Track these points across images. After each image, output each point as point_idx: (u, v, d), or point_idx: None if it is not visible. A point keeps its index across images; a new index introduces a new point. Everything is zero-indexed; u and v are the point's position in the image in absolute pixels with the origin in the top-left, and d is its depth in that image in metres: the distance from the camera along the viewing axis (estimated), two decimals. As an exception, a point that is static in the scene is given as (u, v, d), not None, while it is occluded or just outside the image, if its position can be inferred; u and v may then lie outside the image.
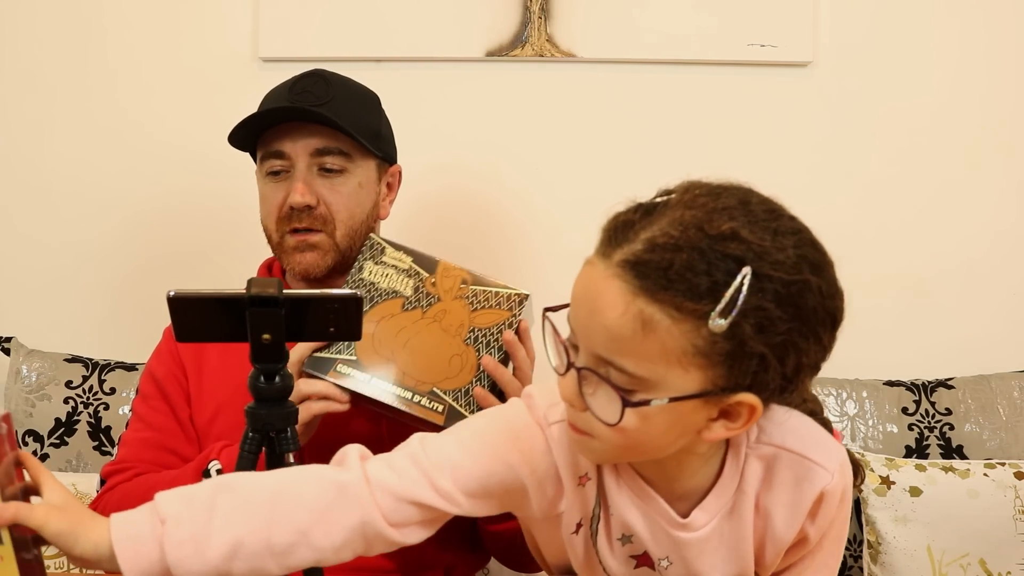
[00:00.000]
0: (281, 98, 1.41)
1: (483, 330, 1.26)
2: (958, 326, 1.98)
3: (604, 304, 0.83)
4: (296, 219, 1.41)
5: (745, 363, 0.82)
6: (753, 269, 0.80)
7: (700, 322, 0.80)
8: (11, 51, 2.02)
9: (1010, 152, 1.99)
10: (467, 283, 1.28)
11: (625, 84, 1.98)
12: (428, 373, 1.25)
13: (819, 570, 1.04)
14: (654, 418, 0.84)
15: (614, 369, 0.84)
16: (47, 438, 1.81)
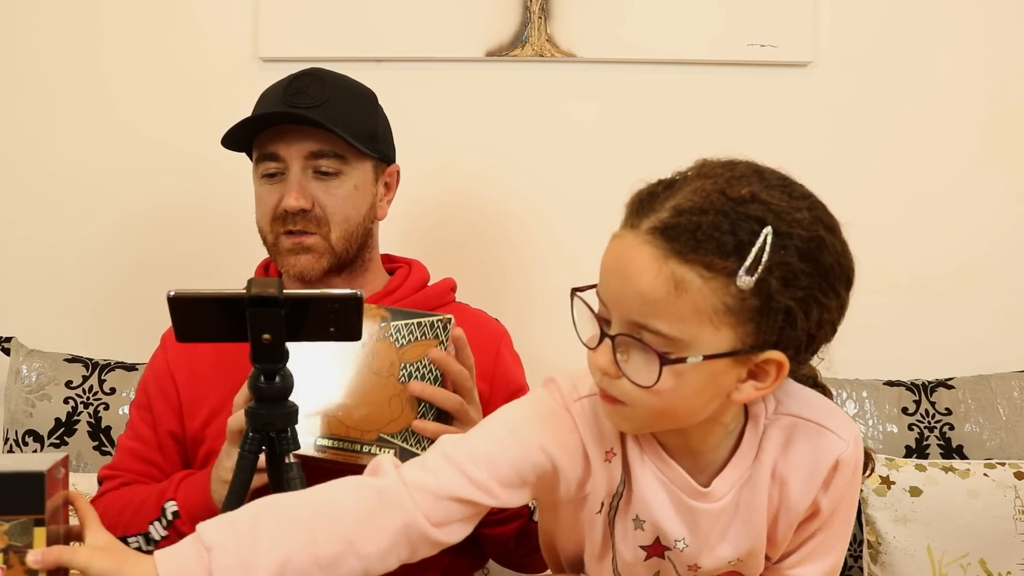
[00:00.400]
0: (276, 99, 1.41)
1: (414, 364, 1.23)
2: (958, 326, 1.98)
3: (636, 270, 0.87)
4: (291, 221, 1.41)
5: (772, 319, 0.87)
6: (774, 228, 0.86)
7: (729, 280, 0.85)
8: (10, 51, 2.02)
9: (1010, 152, 1.99)
10: (387, 320, 1.24)
11: (625, 84, 1.98)
12: (370, 420, 1.22)
13: (828, 550, 1.04)
14: (688, 378, 0.88)
15: (648, 332, 0.87)
16: (47, 438, 1.81)
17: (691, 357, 0.87)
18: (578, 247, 1.98)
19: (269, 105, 1.42)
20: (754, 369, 0.90)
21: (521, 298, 1.97)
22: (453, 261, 1.83)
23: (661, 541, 1.02)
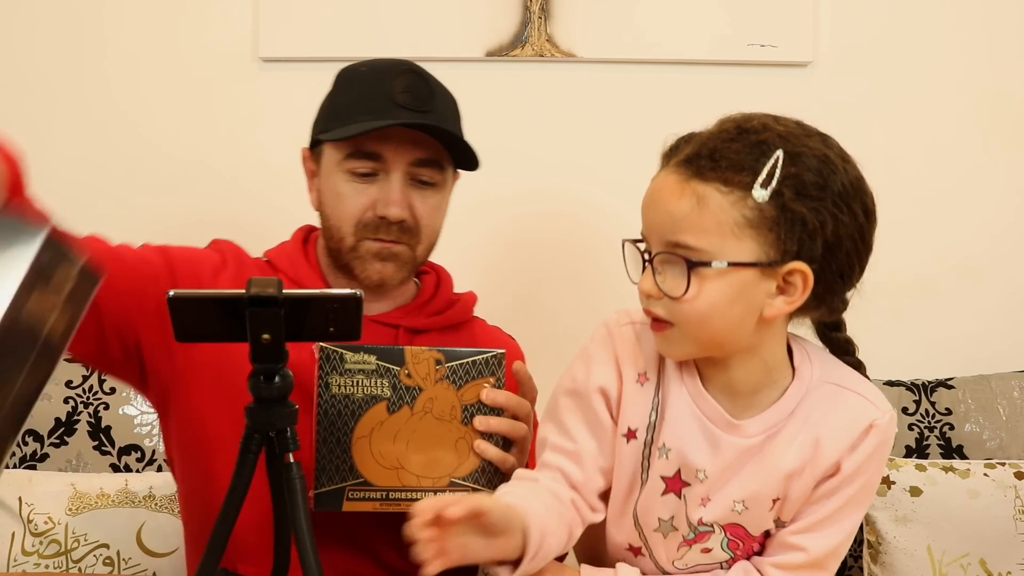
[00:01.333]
0: (384, 96, 1.31)
1: (475, 404, 1.22)
2: (958, 326, 1.98)
3: (665, 195, 1.00)
4: (384, 230, 1.33)
5: (791, 229, 0.97)
6: (785, 150, 0.98)
7: (745, 193, 0.97)
8: (9, 52, 2.02)
9: (1010, 151, 1.99)
10: (441, 363, 1.22)
11: (625, 84, 1.98)
12: (440, 467, 1.21)
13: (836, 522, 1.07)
14: (719, 287, 0.98)
15: (679, 247, 0.99)
16: (47, 438, 1.81)
17: (715, 262, 0.97)
18: (579, 246, 1.98)
19: (381, 103, 1.31)
20: (781, 284, 0.99)
21: (520, 297, 1.97)
22: (450, 261, 1.83)
23: (682, 475, 1.09)
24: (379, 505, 1.19)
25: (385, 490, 1.20)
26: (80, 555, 1.68)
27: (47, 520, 1.68)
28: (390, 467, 1.20)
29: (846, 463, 1.05)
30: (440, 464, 1.21)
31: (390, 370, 1.20)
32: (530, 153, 1.99)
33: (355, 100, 1.34)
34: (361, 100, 1.33)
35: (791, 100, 2.11)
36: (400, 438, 1.20)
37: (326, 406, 1.18)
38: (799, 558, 1.08)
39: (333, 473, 1.18)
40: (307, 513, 0.97)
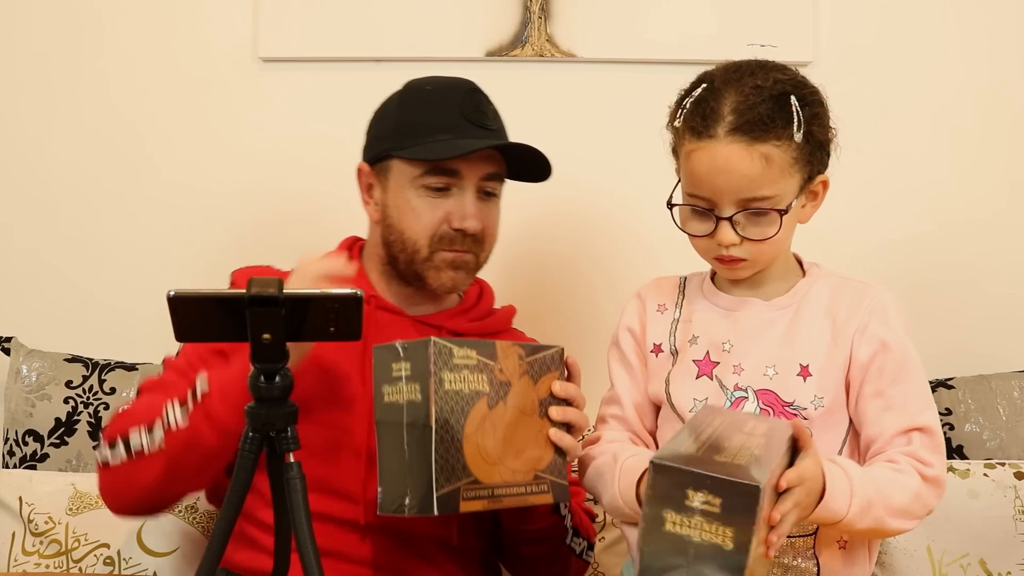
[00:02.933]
0: (458, 115, 1.42)
1: (547, 398, 1.26)
2: (958, 326, 1.98)
3: (736, 162, 1.17)
4: (460, 241, 1.42)
5: (817, 152, 1.22)
6: (794, 95, 1.20)
7: (790, 141, 1.18)
8: (7, 52, 2.02)
9: (1010, 151, 1.99)
10: (523, 358, 1.24)
11: (625, 84, 1.97)
12: (528, 461, 1.23)
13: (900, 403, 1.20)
14: (790, 218, 1.21)
15: (756, 200, 1.18)
16: (47, 438, 1.81)
17: (794, 202, 1.20)
18: (578, 246, 1.98)
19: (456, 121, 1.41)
20: (810, 194, 1.24)
21: (520, 297, 1.97)
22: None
23: (711, 355, 1.28)
24: (488, 503, 1.18)
25: (491, 487, 1.18)
26: (80, 555, 1.68)
27: (47, 520, 1.68)
28: (493, 464, 1.19)
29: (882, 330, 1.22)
30: (530, 458, 1.23)
31: (488, 365, 1.20)
32: (530, 153, 1.99)
33: (428, 119, 1.42)
34: (435, 119, 1.42)
35: (791, 100, 2.10)
36: (498, 433, 1.20)
37: (441, 404, 1.14)
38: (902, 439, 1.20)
39: (450, 473, 1.13)
40: (307, 513, 0.97)
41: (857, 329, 1.23)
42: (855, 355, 1.23)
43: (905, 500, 1.16)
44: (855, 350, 1.23)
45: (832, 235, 1.95)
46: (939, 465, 1.19)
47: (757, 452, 1.02)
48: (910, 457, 1.18)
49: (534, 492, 1.23)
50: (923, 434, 1.20)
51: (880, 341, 1.22)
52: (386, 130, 1.45)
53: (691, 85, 1.25)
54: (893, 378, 1.21)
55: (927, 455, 1.18)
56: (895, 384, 1.21)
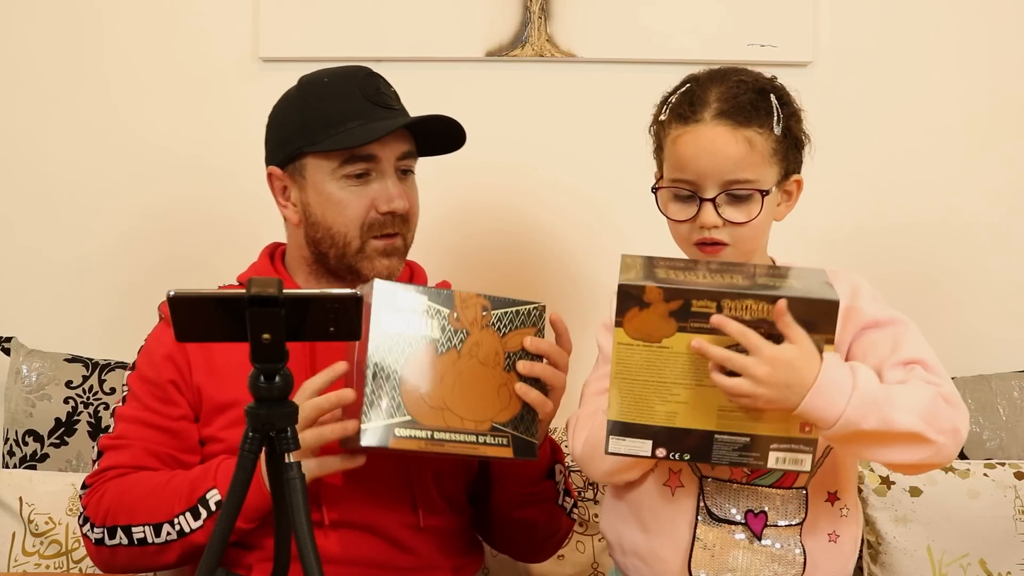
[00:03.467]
0: (362, 100, 1.41)
1: (517, 353, 1.26)
2: (958, 326, 1.98)
3: (720, 145, 1.22)
4: (390, 224, 1.42)
5: (793, 150, 1.26)
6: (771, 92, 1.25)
7: (771, 131, 1.23)
8: (9, 52, 2.02)
9: (1011, 151, 1.99)
10: (488, 309, 1.25)
11: (625, 84, 1.97)
12: (483, 411, 1.24)
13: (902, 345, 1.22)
14: (768, 205, 1.24)
15: (738, 183, 1.22)
16: (47, 438, 1.81)
17: (772, 189, 1.24)
18: (578, 246, 1.98)
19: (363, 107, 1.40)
20: (785, 193, 1.28)
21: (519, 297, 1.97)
22: (452, 262, 1.83)
23: None
24: (424, 444, 1.21)
25: (431, 430, 1.21)
26: (81, 555, 1.68)
27: (48, 520, 1.68)
28: (436, 407, 1.22)
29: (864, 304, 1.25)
30: (483, 407, 1.23)
31: (440, 312, 1.22)
32: (530, 153, 1.99)
33: (334, 109, 1.41)
34: (341, 108, 1.40)
35: (791, 100, 2.10)
36: (447, 380, 1.23)
37: (378, 342, 1.20)
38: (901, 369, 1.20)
39: (381, 410, 1.19)
40: (307, 513, 0.97)
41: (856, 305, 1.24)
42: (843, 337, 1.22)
43: (923, 402, 1.13)
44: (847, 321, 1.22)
45: (832, 234, 1.96)
46: (948, 385, 1.18)
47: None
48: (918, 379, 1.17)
49: (489, 443, 1.24)
50: (921, 366, 1.19)
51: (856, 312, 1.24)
52: (291, 129, 1.44)
53: (676, 86, 1.30)
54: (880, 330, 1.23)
55: (932, 378, 1.17)
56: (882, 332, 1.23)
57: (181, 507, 1.31)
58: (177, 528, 1.31)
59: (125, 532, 1.34)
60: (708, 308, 1.09)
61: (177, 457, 1.40)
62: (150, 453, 1.40)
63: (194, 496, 1.31)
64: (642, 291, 1.11)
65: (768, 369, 1.07)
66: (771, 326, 1.09)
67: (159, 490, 1.34)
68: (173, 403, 1.41)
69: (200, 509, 1.30)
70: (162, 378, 1.41)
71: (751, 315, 1.09)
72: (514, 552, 1.58)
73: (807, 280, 1.15)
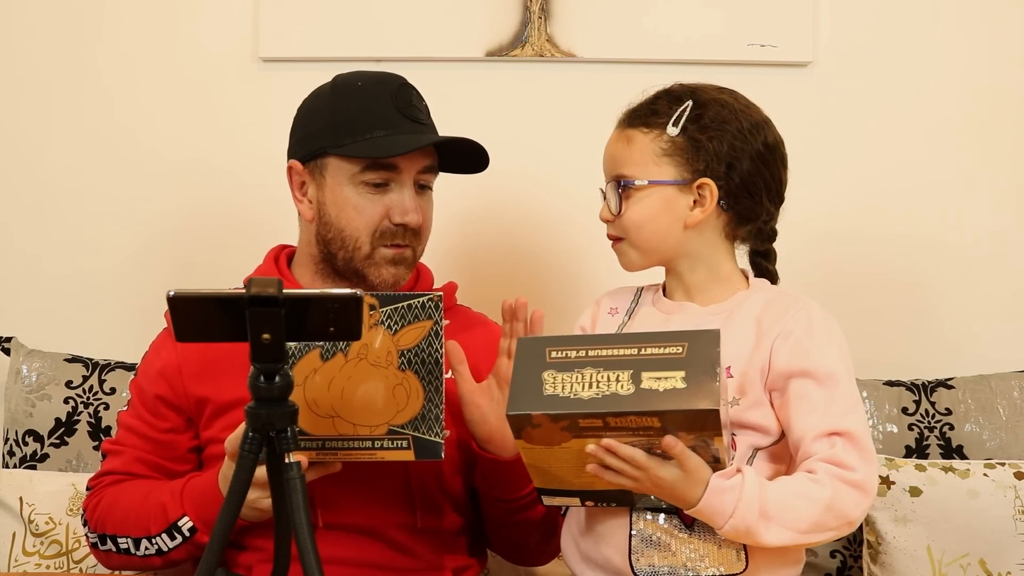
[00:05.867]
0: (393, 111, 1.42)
1: (412, 349, 1.20)
2: (958, 326, 1.98)
3: (608, 145, 1.36)
4: (400, 235, 1.42)
5: (696, 153, 1.28)
6: (694, 100, 1.30)
7: (661, 131, 1.30)
8: (8, 52, 2.02)
9: (1011, 151, 1.99)
10: (375, 308, 1.19)
11: (625, 84, 1.95)
12: (376, 415, 1.19)
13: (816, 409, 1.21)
14: (646, 202, 1.30)
15: (620, 178, 1.31)
16: (47, 438, 1.81)
17: (638, 180, 1.29)
18: (577, 246, 1.98)
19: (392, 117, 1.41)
20: (696, 198, 1.29)
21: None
22: (451, 262, 1.83)
23: None
24: (315, 455, 1.19)
25: (321, 439, 1.18)
26: (81, 555, 1.68)
27: (48, 520, 1.68)
28: (325, 415, 1.18)
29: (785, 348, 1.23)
30: (377, 411, 1.19)
31: None
32: (529, 153, 1.99)
33: (363, 115, 1.42)
34: (370, 115, 1.41)
35: (791, 100, 2.13)
36: (334, 386, 1.18)
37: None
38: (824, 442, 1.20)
39: None
40: (307, 513, 0.97)
41: (779, 335, 1.24)
42: (774, 360, 1.23)
43: (812, 515, 1.16)
44: (774, 355, 1.23)
45: (831, 234, 1.96)
46: (863, 469, 1.18)
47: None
48: (829, 463, 1.18)
49: (387, 448, 1.19)
50: (845, 439, 1.19)
51: (802, 348, 1.23)
52: (318, 127, 1.44)
53: None
54: (816, 385, 1.22)
55: (850, 459, 1.18)
56: (817, 390, 1.22)
57: (157, 528, 1.36)
58: (155, 546, 1.37)
59: (112, 541, 1.41)
60: (595, 423, 1.13)
61: (166, 467, 1.45)
62: (141, 461, 1.45)
63: (167, 520, 1.36)
64: (530, 419, 1.14)
65: (654, 488, 1.16)
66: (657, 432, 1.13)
67: (138, 506, 1.39)
68: (162, 416, 1.45)
69: (175, 533, 1.35)
70: (152, 392, 1.46)
71: (635, 424, 1.12)
72: (512, 557, 1.57)
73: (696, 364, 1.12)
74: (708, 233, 1.31)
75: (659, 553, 1.23)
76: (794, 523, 1.16)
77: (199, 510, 1.33)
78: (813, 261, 1.94)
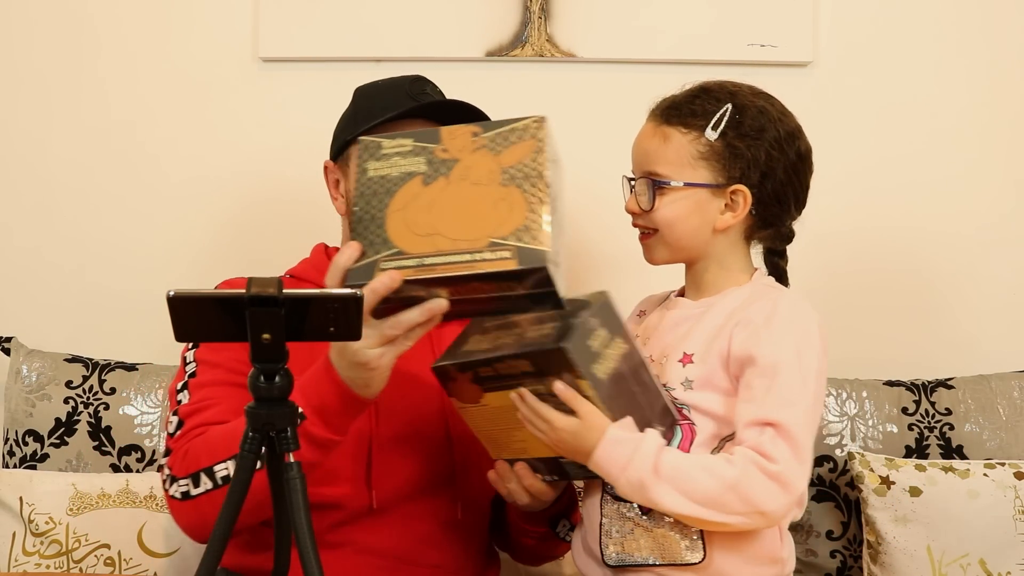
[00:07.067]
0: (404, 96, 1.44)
1: (516, 166, 1.16)
2: (958, 326, 1.98)
3: (642, 137, 1.34)
4: None
5: (733, 160, 1.28)
6: (733, 104, 1.29)
7: (699, 134, 1.28)
8: (8, 52, 2.02)
9: (1010, 151, 1.99)
10: (477, 134, 1.18)
11: (625, 84, 1.98)
12: (477, 228, 1.13)
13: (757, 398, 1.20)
14: (679, 202, 1.29)
15: (651, 174, 1.30)
16: (47, 438, 1.81)
17: (673, 182, 1.29)
18: (578, 246, 1.98)
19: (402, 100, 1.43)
20: (728, 202, 1.29)
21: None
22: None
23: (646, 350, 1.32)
24: (413, 271, 1.12)
25: (420, 256, 1.13)
26: (81, 555, 1.68)
27: (48, 520, 1.68)
28: (425, 234, 1.14)
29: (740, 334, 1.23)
30: (479, 225, 1.14)
31: (426, 148, 1.16)
32: (530, 153, 1.99)
33: (376, 105, 1.45)
34: (383, 103, 1.44)
35: (791, 100, 2.11)
36: (436, 207, 1.15)
37: (362, 189, 1.16)
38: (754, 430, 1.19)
39: (367, 248, 1.13)
40: (307, 513, 0.97)
41: (739, 323, 1.24)
42: (732, 346, 1.23)
43: (711, 488, 1.15)
44: (732, 341, 1.24)
45: (831, 234, 1.96)
46: (785, 463, 1.15)
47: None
48: (751, 449, 1.17)
49: (488, 259, 1.12)
50: (776, 430, 1.17)
51: (755, 336, 1.22)
52: (343, 124, 1.50)
53: None
54: (763, 372, 1.20)
55: (774, 451, 1.16)
56: (763, 378, 1.20)
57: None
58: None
59: (208, 475, 1.28)
60: (488, 371, 1.19)
61: None
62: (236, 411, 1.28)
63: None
64: (444, 370, 1.25)
65: (559, 441, 1.20)
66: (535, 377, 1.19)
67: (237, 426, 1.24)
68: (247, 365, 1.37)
69: None
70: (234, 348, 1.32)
71: (517, 370, 1.19)
72: (512, 556, 1.59)
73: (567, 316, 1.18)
74: (732, 235, 1.32)
75: (624, 540, 1.25)
76: (688, 491, 1.15)
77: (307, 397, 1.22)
78: (813, 261, 1.93)
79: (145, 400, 1.82)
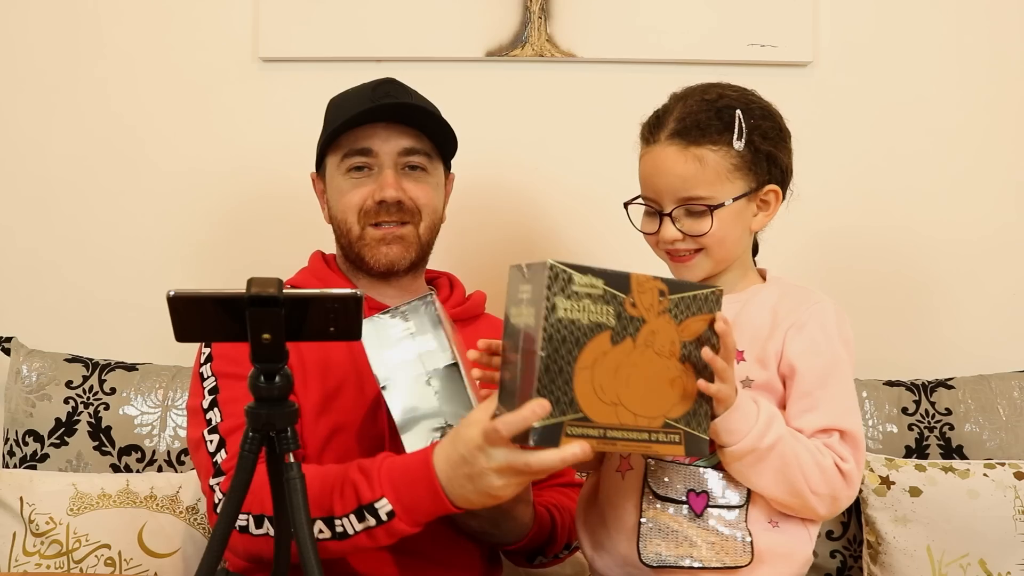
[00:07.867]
0: (365, 99, 1.47)
1: (694, 342, 1.15)
2: (958, 326, 1.98)
3: (671, 164, 1.27)
4: (384, 213, 1.46)
5: (762, 164, 1.29)
6: (740, 108, 1.28)
7: (728, 147, 1.27)
8: (8, 52, 2.02)
9: (1010, 151, 1.99)
10: (665, 295, 1.15)
11: (625, 84, 1.98)
12: (655, 406, 1.14)
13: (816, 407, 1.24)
14: (727, 218, 1.28)
15: (692, 199, 1.27)
16: (47, 438, 1.81)
17: (727, 202, 1.28)
18: (578, 246, 1.98)
19: (360, 105, 1.45)
20: (760, 203, 1.31)
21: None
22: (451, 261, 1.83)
23: None
24: (596, 444, 1.11)
25: (604, 428, 1.11)
26: (81, 555, 1.68)
27: (48, 520, 1.68)
28: (609, 403, 1.11)
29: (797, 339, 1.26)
30: (657, 403, 1.13)
31: (616, 297, 1.12)
32: (530, 153, 1.99)
33: (342, 112, 1.48)
34: (347, 110, 1.47)
35: (791, 100, 2.11)
36: (621, 372, 1.12)
37: (551, 332, 1.08)
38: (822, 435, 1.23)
39: (553, 405, 1.08)
40: (307, 513, 0.97)
41: (793, 325, 1.26)
42: (787, 349, 1.26)
43: (811, 466, 1.20)
44: (787, 344, 1.26)
45: (831, 234, 1.96)
46: (854, 463, 1.22)
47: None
48: (827, 448, 1.23)
49: (661, 441, 1.14)
50: (843, 435, 1.23)
51: (812, 341, 1.26)
52: (320, 136, 1.54)
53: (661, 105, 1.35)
54: (821, 381, 1.24)
55: (844, 451, 1.23)
56: (822, 387, 1.24)
57: (343, 509, 1.23)
58: (339, 529, 1.24)
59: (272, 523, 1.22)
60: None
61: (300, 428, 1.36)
62: None
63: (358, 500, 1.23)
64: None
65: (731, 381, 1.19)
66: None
67: (318, 483, 1.25)
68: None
69: (366, 514, 1.23)
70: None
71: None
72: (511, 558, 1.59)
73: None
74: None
75: (666, 542, 1.24)
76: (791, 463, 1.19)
77: (399, 493, 1.21)
78: (812, 261, 1.94)
79: (145, 400, 1.82)
